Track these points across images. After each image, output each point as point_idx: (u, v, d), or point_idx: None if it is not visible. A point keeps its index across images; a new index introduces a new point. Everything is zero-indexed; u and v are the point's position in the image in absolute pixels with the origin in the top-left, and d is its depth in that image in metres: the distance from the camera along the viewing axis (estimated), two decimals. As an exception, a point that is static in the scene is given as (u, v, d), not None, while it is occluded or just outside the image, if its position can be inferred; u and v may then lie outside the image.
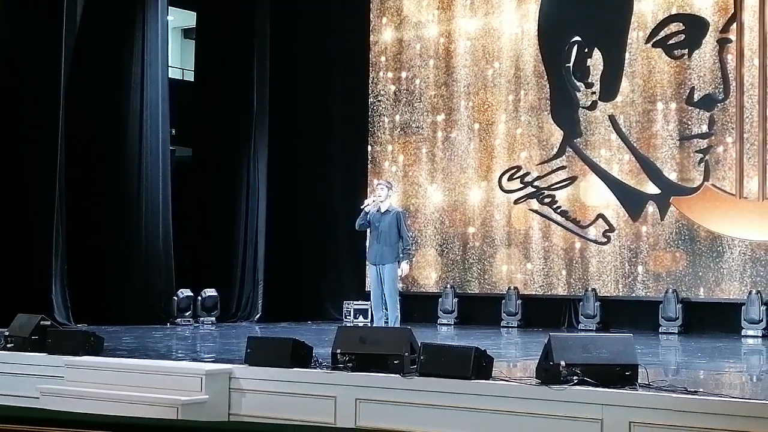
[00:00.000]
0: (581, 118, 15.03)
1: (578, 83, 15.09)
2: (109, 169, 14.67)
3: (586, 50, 15.02)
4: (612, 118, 14.78)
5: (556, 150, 15.20)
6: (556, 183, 15.21)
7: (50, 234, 13.57)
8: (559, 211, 15.14)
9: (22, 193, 13.80)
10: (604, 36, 14.96)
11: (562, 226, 15.12)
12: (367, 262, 11.68)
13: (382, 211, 11.48)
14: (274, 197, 16.22)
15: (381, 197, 11.55)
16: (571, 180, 15.10)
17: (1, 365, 9.64)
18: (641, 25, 14.63)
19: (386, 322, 11.36)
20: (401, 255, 11.53)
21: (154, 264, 14.85)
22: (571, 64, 15.14)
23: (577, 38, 15.09)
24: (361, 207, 11.56)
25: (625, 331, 13.28)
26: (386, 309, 11.49)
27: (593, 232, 14.85)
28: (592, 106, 14.96)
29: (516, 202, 15.51)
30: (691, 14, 14.30)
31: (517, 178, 15.55)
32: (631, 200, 14.57)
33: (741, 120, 13.85)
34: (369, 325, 12.65)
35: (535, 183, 15.36)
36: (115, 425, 6.41)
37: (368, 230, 12.14)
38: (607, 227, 14.74)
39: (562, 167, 15.17)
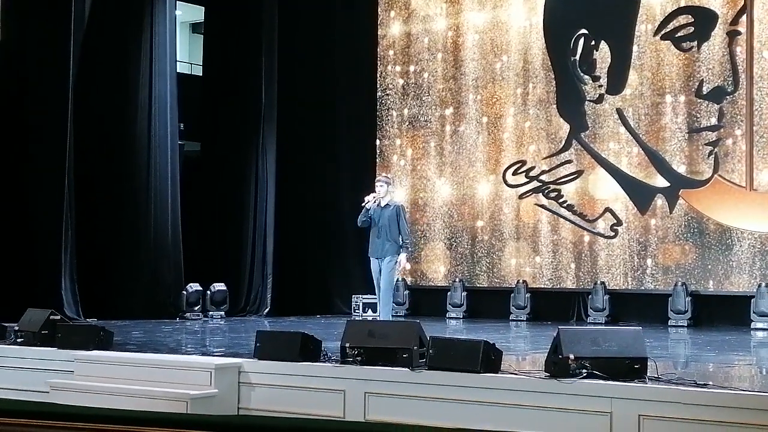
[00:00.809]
0: (589, 111, 15.01)
1: (585, 76, 15.07)
2: (118, 164, 14.69)
3: (593, 43, 15.00)
4: (620, 112, 14.76)
5: (564, 143, 15.19)
6: (563, 177, 15.20)
7: (59, 229, 13.61)
8: (565, 205, 15.13)
9: (31, 189, 13.83)
10: (611, 29, 14.94)
11: (569, 220, 15.11)
12: (369, 257, 11.60)
13: (383, 205, 11.45)
14: (283, 191, 16.23)
15: (381, 194, 11.49)
16: (578, 174, 15.08)
17: (11, 360, 9.66)
18: (650, 17, 14.60)
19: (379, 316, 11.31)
20: (401, 249, 11.47)
21: (163, 258, 14.87)
22: (577, 57, 15.12)
23: (584, 31, 15.07)
24: (362, 204, 11.51)
25: (634, 324, 13.24)
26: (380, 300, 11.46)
27: (602, 225, 14.83)
28: (599, 100, 14.93)
29: (521, 196, 15.50)
30: (699, 6, 14.27)
31: (522, 172, 15.54)
32: (639, 193, 14.56)
33: (751, 112, 13.82)
34: (378, 318, 12.60)
35: (541, 177, 15.35)
36: (125, 419, 6.41)
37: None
38: (614, 221, 14.72)
39: (568, 161, 15.15)
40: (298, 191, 16.39)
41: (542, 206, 15.34)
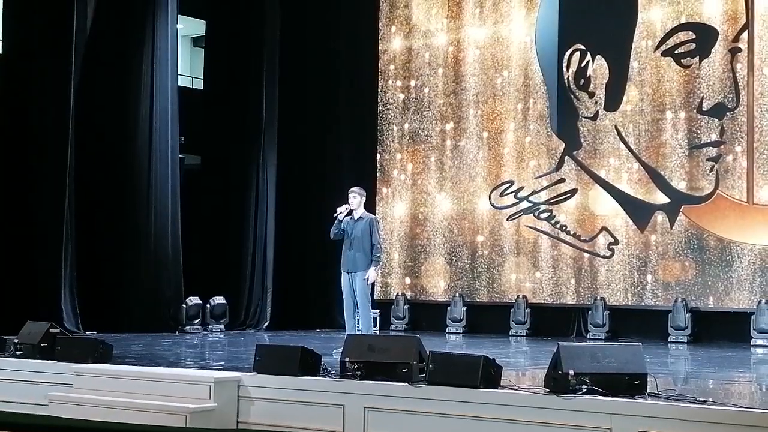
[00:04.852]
0: (589, 128, 15.02)
1: (580, 92, 15.08)
2: (119, 177, 14.71)
3: (588, 59, 15.00)
4: (616, 128, 14.76)
5: (557, 163, 15.21)
6: (556, 197, 15.20)
7: (59, 241, 13.62)
8: (558, 226, 15.12)
9: (32, 201, 13.84)
10: (607, 44, 14.94)
11: (564, 241, 15.10)
12: (341, 270, 11.44)
13: (356, 218, 11.36)
14: (283, 205, 16.24)
15: (353, 205, 11.37)
16: (572, 193, 15.08)
17: (10, 372, 9.66)
18: (650, 33, 14.63)
19: (359, 330, 11.20)
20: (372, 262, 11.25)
21: (163, 272, 14.87)
22: (572, 73, 15.13)
23: (579, 46, 15.08)
24: (334, 215, 11.41)
25: (634, 340, 13.25)
26: (359, 317, 11.34)
27: (602, 242, 14.82)
28: (595, 116, 14.94)
29: (509, 218, 15.51)
30: (700, 23, 14.29)
31: (510, 193, 15.54)
32: (637, 210, 14.55)
33: (751, 129, 13.83)
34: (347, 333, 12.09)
35: (531, 198, 15.36)
36: (124, 433, 6.40)
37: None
38: (611, 240, 14.71)
39: (561, 180, 15.16)
40: (299, 205, 16.39)
41: (534, 228, 15.34)
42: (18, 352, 9.87)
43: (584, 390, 7.01)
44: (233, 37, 16.39)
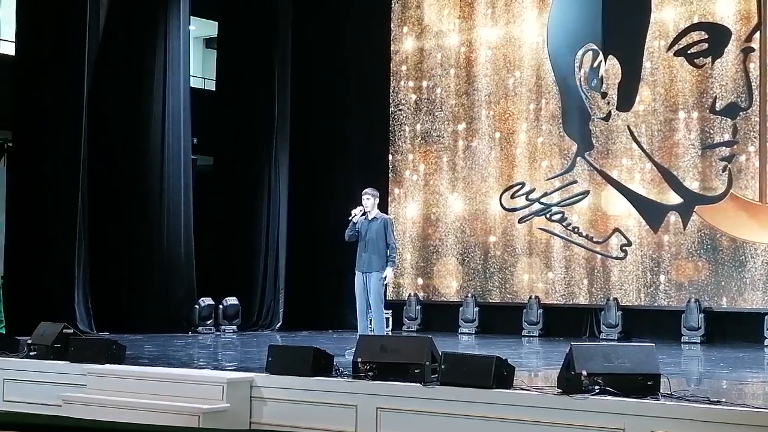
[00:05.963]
0: (601, 128, 14.99)
1: (592, 93, 15.05)
2: (132, 178, 14.75)
3: (600, 59, 14.97)
4: (629, 129, 14.73)
5: (569, 164, 15.18)
6: (568, 198, 15.17)
7: (73, 242, 13.65)
8: (570, 227, 15.09)
9: (45, 202, 13.89)
10: (620, 44, 14.91)
11: (576, 243, 15.07)
12: (356, 271, 11.42)
13: (370, 219, 11.36)
14: (295, 206, 16.26)
15: (367, 207, 11.36)
16: (584, 194, 15.05)
17: (24, 373, 9.68)
18: (663, 33, 14.59)
19: (371, 331, 11.19)
20: (387, 263, 11.24)
21: (176, 272, 14.90)
22: (584, 74, 15.10)
23: (591, 46, 15.05)
24: (349, 218, 11.41)
25: (647, 340, 13.22)
26: (371, 318, 11.33)
27: (614, 242, 14.79)
28: (608, 117, 14.91)
29: (521, 221, 15.50)
30: (713, 23, 14.26)
31: (521, 194, 15.52)
32: (650, 211, 14.52)
33: (764, 128, 13.78)
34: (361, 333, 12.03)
35: (543, 200, 15.33)
36: (137, 433, 6.42)
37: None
38: (624, 241, 14.67)
39: (573, 182, 15.13)
40: (311, 206, 16.41)
41: (546, 230, 15.32)
42: (31, 353, 9.89)
43: (597, 390, 7.00)
44: (245, 38, 16.41)
